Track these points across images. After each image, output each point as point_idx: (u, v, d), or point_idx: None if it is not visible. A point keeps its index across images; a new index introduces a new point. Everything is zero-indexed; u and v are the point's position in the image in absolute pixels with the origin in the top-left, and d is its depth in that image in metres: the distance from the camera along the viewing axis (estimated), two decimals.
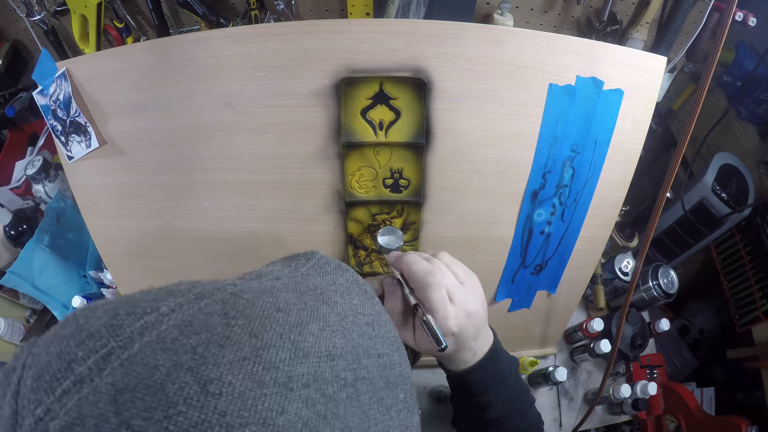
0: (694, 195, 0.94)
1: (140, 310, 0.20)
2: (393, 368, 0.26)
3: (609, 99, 0.54)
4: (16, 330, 0.85)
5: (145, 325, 0.19)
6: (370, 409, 0.22)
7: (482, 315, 0.42)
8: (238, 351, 0.19)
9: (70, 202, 0.88)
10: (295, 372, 0.20)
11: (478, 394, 0.44)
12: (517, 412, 0.46)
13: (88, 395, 0.17)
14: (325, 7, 0.79)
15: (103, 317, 0.20)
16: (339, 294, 0.27)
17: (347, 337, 0.24)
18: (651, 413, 0.87)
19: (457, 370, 0.44)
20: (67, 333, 0.19)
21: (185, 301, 0.21)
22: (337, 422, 0.20)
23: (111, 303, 0.21)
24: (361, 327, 0.26)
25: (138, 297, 0.21)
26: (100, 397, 0.17)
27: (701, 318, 1.25)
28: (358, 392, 0.22)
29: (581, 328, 0.82)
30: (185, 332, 0.19)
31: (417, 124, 0.53)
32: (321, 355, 0.21)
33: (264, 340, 0.20)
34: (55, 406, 0.17)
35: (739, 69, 0.96)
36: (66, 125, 0.60)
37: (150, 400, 0.17)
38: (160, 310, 0.20)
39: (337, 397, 0.21)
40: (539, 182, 0.58)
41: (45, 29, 0.84)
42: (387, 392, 0.24)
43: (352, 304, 0.27)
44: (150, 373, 0.17)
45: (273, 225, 0.60)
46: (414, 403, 0.26)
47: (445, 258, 0.43)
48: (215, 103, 0.54)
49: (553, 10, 0.80)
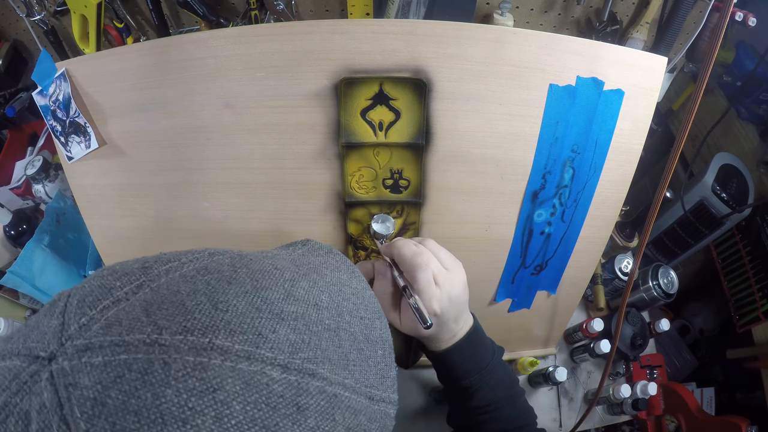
0: (694, 195, 0.94)
1: (165, 259, 0.26)
2: (373, 330, 0.29)
3: (609, 99, 0.54)
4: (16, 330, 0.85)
5: (170, 268, 0.25)
6: (349, 353, 0.26)
7: (463, 299, 0.45)
8: (242, 287, 0.24)
9: (70, 202, 0.88)
10: (286, 309, 0.24)
11: (461, 377, 0.46)
12: (504, 400, 0.47)
13: (125, 307, 0.22)
14: (325, 7, 0.79)
15: (135, 264, 0.25)
16: (329, 270, 0.31)
17: (333, 297, 0.28)
18: (651, 413, 0.87)
19: (438, 350, 0.46)
20: (105, 273, 0.25)
21: (201, 256, 0.27)
22: (319, 351, 0.24)
23: (140, 258, 0.26)
24: (346, 294, 0.29)
25: (162, 253, 0.27)
26: (134, 308, 0.22)
27: (701, 318, 1.25)
28: (339, 338, 0.26)
29: (581, 328, 0.82)
30: (201, 272, 0.25)
31: (417, 124, 0.53)
32: (309, 303, 0.26)
33: (262, 283, 0.25)
34: (97, 315, 0.22)
35: (739, 69, 0.96)
36: (65, 126, 0.60)
37: (173, 310, 0.22)
38: (181, 260, 0.26)
39: (320, 335, 0.25)
40: (539, 183, 0.58)
41: (45, 29, 0.84)
42: (366, 345, 0.28)
43: (340, 278, 0.31)
44: (174, 295, 0.23)
45: (273, 225, 0.60)
46: (392, 363, 0.30)
47: (431, 245, 0.45)
48: (215, 103, 0.54)
49: (553, 10, 0.80)
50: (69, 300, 0.23)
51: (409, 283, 0.43)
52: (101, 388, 0.19)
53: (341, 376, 0.25)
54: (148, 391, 0.19)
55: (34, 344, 0.21)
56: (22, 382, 0.20)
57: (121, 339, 0.20)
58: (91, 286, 0.24)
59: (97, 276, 0.25)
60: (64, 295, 0.24)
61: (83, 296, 0.23)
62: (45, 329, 0.22)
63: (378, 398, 0.27)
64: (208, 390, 0.20)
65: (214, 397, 0.20)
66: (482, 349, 0.47)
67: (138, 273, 0.24)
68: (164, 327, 0.21)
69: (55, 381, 0.20)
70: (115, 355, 0.20)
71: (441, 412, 0.78)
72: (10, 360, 0.21)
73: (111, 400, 0.19)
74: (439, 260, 0.44)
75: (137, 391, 0.19)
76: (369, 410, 0.26)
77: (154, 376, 0.19)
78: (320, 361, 0.24)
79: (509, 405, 0.48)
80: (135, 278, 0.24)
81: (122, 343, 0.20)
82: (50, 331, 0.22)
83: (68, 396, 0.19)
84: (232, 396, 0.20)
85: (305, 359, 0.23)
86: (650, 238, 1.05)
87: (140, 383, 0.19)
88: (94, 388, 0.19)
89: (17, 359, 0.21)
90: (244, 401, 0.20)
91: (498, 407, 0.47)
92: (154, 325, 0.21)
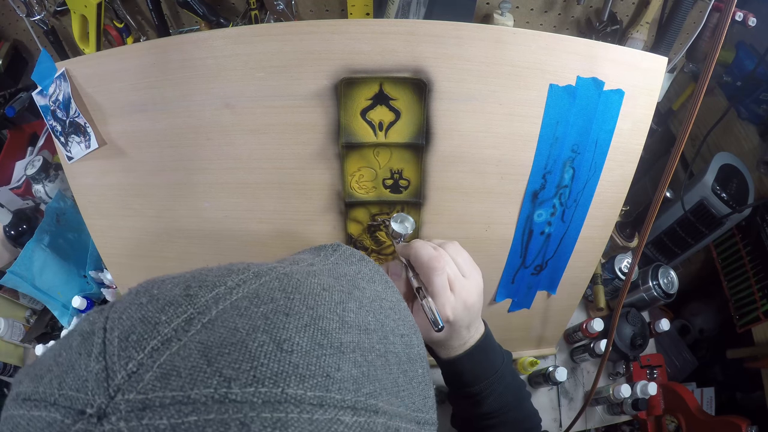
0: (694, 195, 0.94)
1: (210, 283, 0.22)
2: (412, 347, 0.28)
3: (609, 99, 0.54)
4: (16, 330, 0.85)
5: (218, 296, 0.22)
6: (397, 377, 0.25)
7: (478, 307, 0.44)
8: (300, 319, 0.22)
9: (70, 202, 0.88)
10: (344, 339, 0.23)
11: (469, 383, 0.45)
12: (512, 404, 0.47)
13: (179, 351, 0.19)
14: (325, 7, 0.79)
15: (175, 289, 0.22)
16: (365, 281, 0.30)
17: (377, 317, 0.26)
18: (651, 413, 0.87)
19: (447, 357, 0.46)
20: (144, 301, 0.21)
21: (247, 278, 0.24)
22: (376, 383, 0.23)
23: (177, 277, 0.23)
24: (386, 310, 0.28)
25: (203, 273, 0.24)
26: (191, 352, 0.19)
27: (701, 318, 1.25)
28: (388, 362, 0.24)
29: (581, 328, 0.82)
30: (254, 302, 0.22)
31: (417, 124, 0.53)
32: (360, 328, 0.24)
33: (318, 312, 0.23)
34: (147, 361, 0.19)
35: (739, 69, 0.96)
36: (65, 126, 0.60)
37: (236, 354, 0.19)
38: (228, 284, 0.23)
39: (374, 363, 0.23)
40: (539, 183, 0.58)
41: (45, 29, 0.84)
42: (409, 366, 0.26)
43: (376, 291, 0.29)
44: (232, 334, 0.20)
45: (273, 225, 0.60)
46: (430, 380, 0.29)
47: (451, 249, 0.44)
48: (215, 103, 0.54)
49: (553, 10, 0.80)
50: (107, 336, 0.20)
51: (424, 285, 0.42)
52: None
53: (395, 405, 0.23)
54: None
55: (73, 393, 0.18)
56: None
57: (185, 395, 0.18)
58: (131, 319, 0.20)
59: (134, 304, 0.21)
60: (98, 327, 0.20)
61: (125, 333, 0.20)
62: (84, 374, 0.19)
63: (424, 421, 0.26)
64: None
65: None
66: (492, 356, 0.46)
67: (184, 303, 0.21)
68: (232, 378, 0.18)
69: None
70: (182, 416, 0.17)
71: (441, 412, 0.78)
72: (47, 410, 0.18)
73: None
74: (457, 265, 0.43)
75: None
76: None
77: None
78: (379, 393, 0.22)
79: (516, 408, 0.47)
80: (182, 310, 0.21)
81: (188, 400, 0.17)
82: (92, 378, 0.18)
83: None
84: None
85: (368, 395, 0.22)
86: (650, 238, 1.05)
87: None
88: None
89: (56, 411, 0.18)
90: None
91: (505, 411, 0.46)
92: (219, 375, 0.18)
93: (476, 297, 0.43)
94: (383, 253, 0.63)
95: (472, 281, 0.43)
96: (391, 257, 0.63)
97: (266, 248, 0.62)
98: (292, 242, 0.61)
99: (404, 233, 0.49)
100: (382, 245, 0.62)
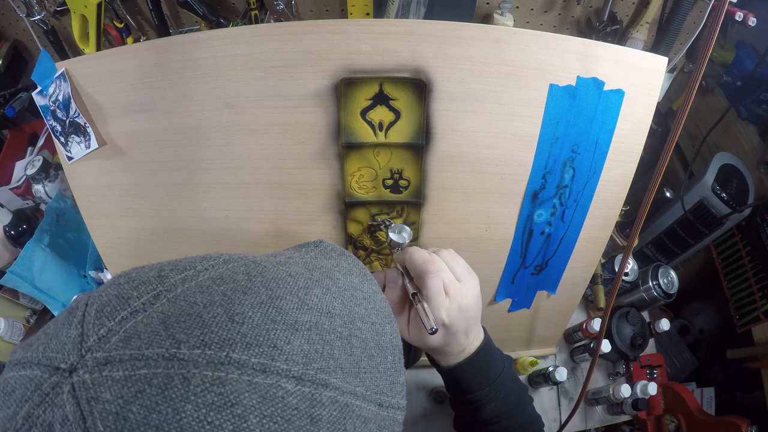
0: (694, 195, 0.93)
1: (180, 267, 0.26)
2: (384, 335, 0.29)
3: (610, 99, 0.54)
4: (16, 330, 0.85)
5: (186, 277, 0.25)
6: (360, 360, 0.26)
7: (474, 312, 0.44)
8: (257, 297, 0.24)
9: (70, 202, 0.87)
10: (300, 318, 0.24)
11: (470, 390, 0.45)
12: (514, 410, 0.46)
13: (143, 320, 0.22)
14: (325, 7, 0.79)
15: (151, 272, 0.25)
16: (342, 273, 0.31)
17: (345, 303, 0.28)
18: (651, 413, 0.87)
19: (447, 365, 0.46)
20: (122, 281, 0.25)
21: (216, 263, 0.26)
22: (331, 360, 0.24)
23: (156, 264, 0.26)
24: (357, 299, 0.29)
25: (179, 260, 0.27)
26: (152, 320, 0.22)
27: (701, 318, 1.25)
28: (351, 345, 0.26)
29: (581, 328, 0.82)
30: (217, 282, 0.25)
31: (417, 124, 0.53)
32: (322, 311, 0.26)
33: (277, 293, 0.25)
34: (116, 327, 0.22)
35: (739, 69, 0.95)
36: (65, 126, 0.60)
37: (190, 323, 0.22)
38: (197, 268, 0.26)
39: (333, 344, 0.25)
40: (539, 183, 0.58)
41: (45, 29, 0.83)
42: (377, 351, 0.28)
43: (352, 282, 0.31)
44: (190, 306, 0.23)
45: (273, 225, 0.60)
46: (401, 367, 0.30)
47: (446, 255, 0.44)
48: (215, 103, 0.54)
49: (553, 10, 0.80)
50: (87, 309, 0.23)
51: (419, 290, 0.42)
52: (123, 402, 0.19)
53: (352, 384, 0.25)
54: (169, 407, 0.19)
55: (53, 354, 0.22)
56: (44, 394, 0.20)
57: (141, 353, 0.21)
58: (108, 295, 0.24)
59: (113, 284, 0.25)
60: (81, 303, 0.24)
61: (101, 306, 0.23)
62: (64, 339, 0.22)
63: (387, 404, 0.27)
64: (226, 405, 0.20)
65: (232, 412, 0.20)
66: (493, 362, 0.46)
67: (154, 282, 0.24)
68: (182, 341, 0.21)
69: (77, 394, 0.20)
70: (135, 369, 0.20)
71: (441, 412, 0.78)
72: (31, 369, 0.22)
73: (133, 414, 0.19)
74: (452, 270, 0.43)
75: (158, 406, 0.19)
76: (378, 417, 0.26)
77: (174, 391, 0.20)
78: (333, 370, 0.24)
79: (518, 414, 0.47)
80: (152, 288, 0.24)
81: (142, 357, 0.20)
82: (69, 342, 0.22)
83: (90, 410, 0.19)
84: (249, 410, 0.20)
85: (318, 369, 0.23)
86: (650, 238, 1.05)
87: (161, 398, 0.19)
88: (116, 402, 0.19)
89: (38, 369, 0.21)
90: (261, 415, 0.21)
91: (507, 417, 0.46)
92: (172, 338, 0.21)
93: (472, 300, 0.43)
94: (383, 253, 0.63)
95: (468, 285, 0.44)
96: (390, 257, 0.63)
97: (266, 248, 0.62)
98: (292, 242, 0.60)
99: (402, 243, 0.49)
100: (382, 245, 0.62)
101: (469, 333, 0.44)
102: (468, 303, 0.43)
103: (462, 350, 0.45)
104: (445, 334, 0.42)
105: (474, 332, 0.45)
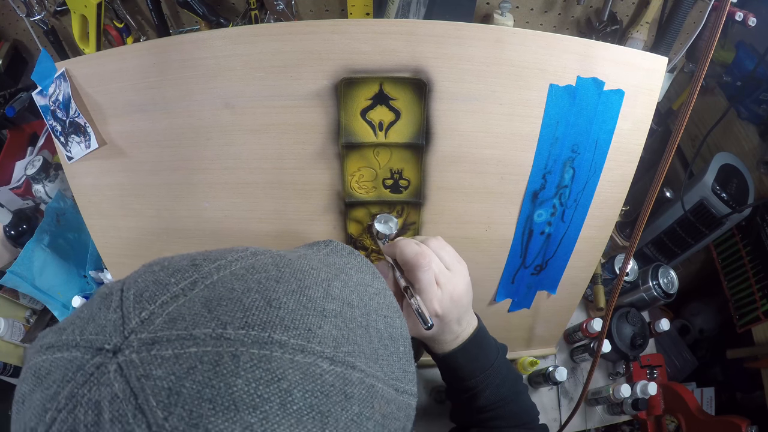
0: (694, 195, 0.93)
1: (213, 258, 0.27)
2: (395, 328, 0.31)
3: (610, 99, 0.54)
4: (16, 330, 0.85)
5: (219, 266, 0.26)
6: (377, 348, 0.28)
7: (466, 301, 0.45)
8: (288, 286, 0.26)
9: (70, 202, 0.88)
10: (327, 306, 0.26)
11: (465, 377, 0.46)
12: (509, 398, 0.47)
13: (185, 303, 0.23)
14: (325, 7, 0.79)
15: (183, 261, 0.26)
16: (353, 270, 0.33)
17: (361, 296, 0.29)
18: (651, 413, 0.87)
19: (442, 352, 0.46)
20: (156, 269, 0.26)
21: (245, 255, 0.28)
22: (355, 346, 0.26)
23: (184, 254, 0.28)
24: (371, 294, 0.31)
25: (207, 251, 0.28)
26: (194, 304, 0.23)
27: (701, 318, 1.25)
28: (369, 334, 0.28)
29: (581, 328, 0.82)
30: (250, 271, 0.26)
31: (417, 124, 0.53)
32: (344, 302, 0.27)
33: (305, 282, 0.27)
34: (158, 310, 0.23)
35: (739, 69, 0.96)
36: (65, 126, 0.60)
37: (232, 306, 0.23)
38: (228, 258, 0.27)
39: (355, 331, 0.27)
40: (539, 183, 0.58)
41: (45, 29, 0.84)
42: (390, 342, 0.29)
43: (363, 278, 0.32)
44: (229, 292, 0.24)
45: (273, 225, 0.60)
46: (411, 358, 0.32)
47: (434, 243, 0.45)
48: (215, 103, 0.54)
49: (553, 10, 0.80)
50: (124, 294, 0.24)
51: (411, 284, 0.43)
52: (175, 378, 0.20)
53: (374, 368, 0.26)
54: (221, 381, 0.20)
55: (93, 336, 0.22)
56: (88, 374, 0.21)
57: (188, 333, 0.22)
58: (145, 281, 0.25)
59: (147, 272, 0.26)
60: (116, 289, 0.25)
61: (139, 291, 0.24)
62: (103, 322, 0.23)
63: (402, 390, 0.29)
64: (273, 379, 0.21)
65: (279, 386, 0.21)
66: (487, 349, 0.47)
67: (190, 270, 0.25)
68: (227, 322, 0.22)
69: (125, 372, 0.21)
70: (184, 348, 0.21)
71: (442, 412, 0.78)
72: (69, 351, 0.22)
73: (186, 389, 0.20)
74: (441, 260, 0.44)
75: (210, 381, 0.20)
76: (397, 400, 0.28)
77: (224, 367, 0.21)
78: (357, 354, 0.26)
79: (513, 402, 0.48)
80: (188, 275, 0.25)
81: (190, 336, 0.21)
82: (110, 324, 0.23)
83: (141, 386, 0.20)
84: (293, 385, 0.22)
85: (346, 353, 0.25)
86: (650, 238, 1.05)
87: (212, 374, 0.20)
88: (168, 378, 0.20)
89: (77, 351, 0.22)
90: (303, 389, 0.22)
91: (502, 404, 0.47)
92: (217, 320, 0.22)
93: (463, 289, 0.44)
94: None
95: (458, 274, 0.44)
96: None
97: (267, 248, 0.62)
98: (292, 242, 0.61)
99: (389, 233, 0.49)
100: None
101: (461, 320, 0.45)
102: (460, 292, 0.44)
103: (456, 337, 0.46)
104: (439, 324, 0.43)
105: (467, 319, 0.46)
